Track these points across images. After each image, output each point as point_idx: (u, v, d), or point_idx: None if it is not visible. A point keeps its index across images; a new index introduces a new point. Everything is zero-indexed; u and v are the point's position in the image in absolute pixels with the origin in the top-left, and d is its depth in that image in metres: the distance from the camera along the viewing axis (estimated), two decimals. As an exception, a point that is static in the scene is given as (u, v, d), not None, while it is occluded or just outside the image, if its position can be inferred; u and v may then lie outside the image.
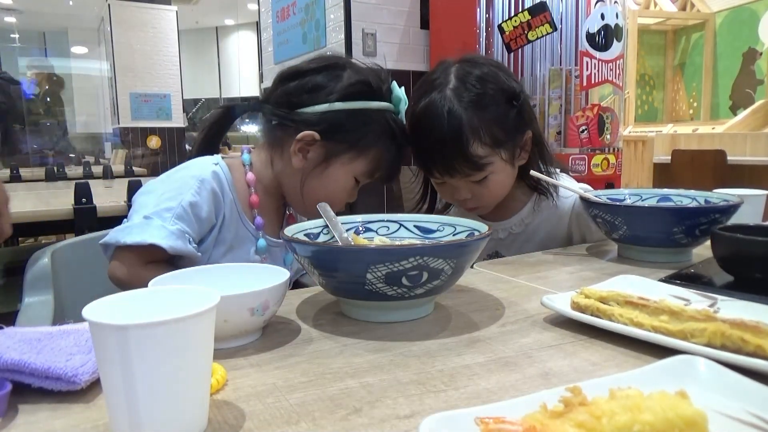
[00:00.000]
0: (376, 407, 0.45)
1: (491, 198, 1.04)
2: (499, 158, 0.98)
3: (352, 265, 0.61)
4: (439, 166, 0.98)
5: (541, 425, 0.36)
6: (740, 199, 0.91)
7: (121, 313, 0.43)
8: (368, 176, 0.91)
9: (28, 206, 1.93)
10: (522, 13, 2.55)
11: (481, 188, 1.00)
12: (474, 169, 0.96)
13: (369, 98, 0.88)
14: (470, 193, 1.01)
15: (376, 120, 0.88)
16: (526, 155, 1.05)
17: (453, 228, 0.76)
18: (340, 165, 0.88)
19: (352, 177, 0.90)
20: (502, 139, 0.97)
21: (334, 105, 0.86)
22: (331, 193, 0.89)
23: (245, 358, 0.56)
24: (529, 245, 1.10)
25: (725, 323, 0.52)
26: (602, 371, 0.51)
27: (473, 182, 0.99)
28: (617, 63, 2.72)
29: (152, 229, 0.78)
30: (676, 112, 6.07)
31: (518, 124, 1.00)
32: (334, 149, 0.88)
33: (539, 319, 0.66)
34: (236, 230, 0.88)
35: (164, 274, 0.63)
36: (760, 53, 5.17)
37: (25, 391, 0.47)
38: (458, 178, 0.98)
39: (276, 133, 0.91)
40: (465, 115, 0.93)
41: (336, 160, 0.88)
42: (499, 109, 0.97)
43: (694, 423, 0.36)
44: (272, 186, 0.93)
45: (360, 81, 0.88)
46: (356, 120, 0.87)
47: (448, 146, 0.94)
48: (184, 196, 0.81)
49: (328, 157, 0.88)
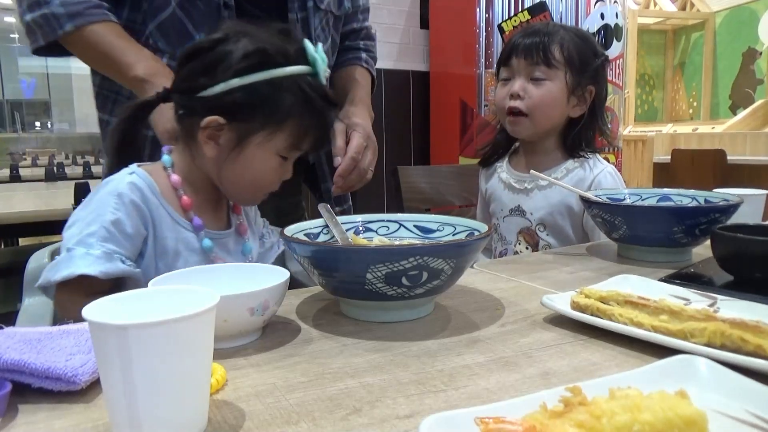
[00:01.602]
0: (376, 407, 0.45)
1: (538, 105, 1.15)
2: (563, 76, 1.15)
3: (352, 265, 0.61)
4: (520, 50, 1.16)
5: (541, 425, 0.36)
6: (740, 199, 0.91)
7: (121, 313, 0.43)
8: (293, 150, 0.84)
9: (28, 206, 1.93)
10: (522, 13, 2.55)
11: (534, 89, 1.15)
12: (545, 61, 1.14)
13: (271, 67, 0.79)
14: (524, 90, 1.15)
15: (286, 89, 0.79)
16: (583, 107, 1.19)
17: (453, 228, 0.76)
18: (256, 146, 0.81)
19: (273, 155, 0.82)
20: (574, 65, 1.15)
21: (231, 83, 0.78)
22: (256, 176, 0.83)
23: (245, 358, 0.56)
24: (548, 202, 1.19)
25: (725, 323, 0.52)
26: (602, 371, 0.51)
27: (532, 80, 1.15)
28: (617, 63, 2.73)
29: (77, 260, 0.73)
30: (676, 111, 6.08)
31: (591, 72, 1.17)
32: (245, 130, 0.80)
33: (539, 319, 0.66)
34: (176, 236, 0.82)
35: (164, 274, 0.63)
36: (759, 53, 5.18)
37: (25, 391, 0.47)
38: (527, 64, 1.15)
39: (185, 123, 0.83)
40: (562, 30, 1.17)
41: (250, 141, 0.80)
42: (584, 49, 1.17)
43: (694, 423, 0.36)
44: (202, 181, 0.86)
45: (257, 50, 0.79)
46: (260, 94, 0.79)
47: (539, 35, 1.14)
48: (104, 217, 0.76)
49: (240, 140, 0.81)
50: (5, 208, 1.99)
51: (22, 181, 3.63)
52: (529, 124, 1.17)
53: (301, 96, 0.80)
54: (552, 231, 1.19)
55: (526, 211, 1.21)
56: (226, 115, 0.79)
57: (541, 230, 1.20)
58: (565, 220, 1.18)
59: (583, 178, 1.19)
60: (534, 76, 1.15)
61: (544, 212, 1.19)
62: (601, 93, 1.21)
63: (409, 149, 3.20)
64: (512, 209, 1.24)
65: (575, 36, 1.18)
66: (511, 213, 1.24)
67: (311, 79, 0.81)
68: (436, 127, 3.10)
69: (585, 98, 1.18)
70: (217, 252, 0.85)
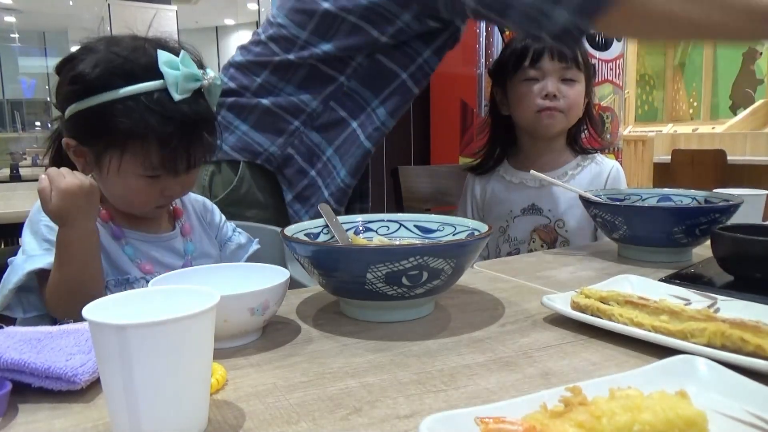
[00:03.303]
0: (376, 407, 0.45)
1: (573, 104, 1.21)
2: (583, 78, 1.22)
3: (352, 264, 0.61)
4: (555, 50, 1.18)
5: (541, 425, 0.36)
6: (740, 199, 0.91)
7: (120, 312, 0.43)
8: (152, 170, 0.77)
9: (28, 206, 1.93)
10: (522, 13, 2.55)
11: (568, 89, 1.20)
12: (576, 64, 1.19)
13: (107, 90, 0.74)
14: (559, 91, 1.19)
15: (120, 111, 0.74)
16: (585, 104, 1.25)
17: (453, 228, 0.76)
18: (112, 167, 0.76)
19: (133, 176, 0.77)
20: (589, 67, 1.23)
21: (71, 107, 0.76)
22: (125, 195, 0.80)
23: (245, 358, 0.56)
24: (567, 196, 1.21)
25: (725, 323, 0.52)
26: (602, 371, 0.51)
27: (563, 81, 1.20)
28: (617, 62, 2.72)
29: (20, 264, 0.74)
30: (676, 111, 6.07)
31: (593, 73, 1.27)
32: (95, 152, 0.77)
33: (539, 319, 0.66)
34: (107, 248, 0.80)
35: (164, 274, 0.63)
36: (759, 53, 5.17)
37: (25, 391, 0.47)
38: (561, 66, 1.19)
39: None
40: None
41: (103, 162, 0.77)
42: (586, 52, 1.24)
43: (694, 423, 0.36)
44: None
45: (91, 72, 0.74)
46: (98, 117, 0.74)
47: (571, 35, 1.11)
48: (40, 227, 0.78)
49: (97, 161, 0.77)
50: (5, 208, 1.99)
51: (22, 180, 3.63)
52: (564, 120, 1.22)
53: (141, 117, 0.74)
54: (571, 226, 1.21)
55: (543, 208, 1.24)
56: (76, 138, 0.78)
57: (561, 226, 1.22)
58: (583, 213, 1.18)
59: (599, 172, 1.26)
60: (566, 77, 1.20)
61: (564, 207, 1.22)
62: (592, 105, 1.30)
63: (409, 149, 3.20)
64: (525, 208, 1.25)
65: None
66: (524, 212, 1.25)
67: (163, 95, 0.74)
68: (436, 127, 3.10)
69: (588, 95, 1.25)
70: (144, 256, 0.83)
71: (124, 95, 0.74)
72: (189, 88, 0.76)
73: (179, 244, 0.88)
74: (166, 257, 0.86)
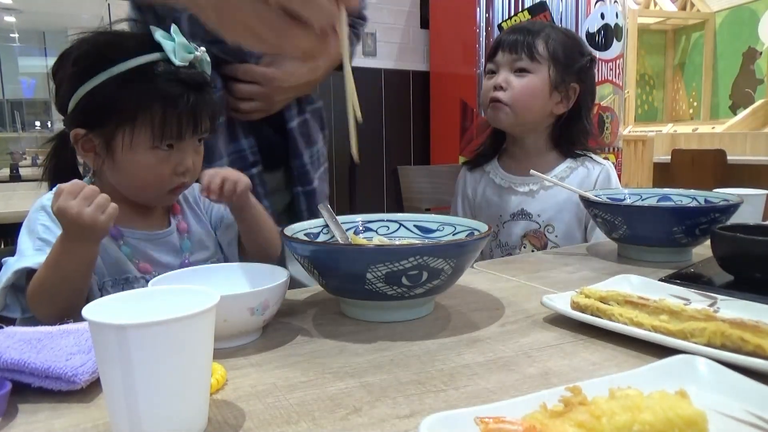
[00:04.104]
0: (376, 407, 0.45)
1: (519, 96, 1.16)
2: (546, 70, 1.16)
3: (352, 264, 0.61)
4: (506, 45, 1.18)
5: (541, 425, 0.36)
6: (740, 199, 0.91)
7: (120, 312, 0.43)
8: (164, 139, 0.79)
9: (28, 206, 1.93)
10: (522, 13, 2.55)
11: (517, 80, 1.17)
12: (528, 54, 1.16)
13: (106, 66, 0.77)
14: (507, 82, 1.17)
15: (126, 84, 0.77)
16: (566, 104, 1.19)
17: (453, 228, 0.76)
18: (125, 147, 0.78)
19: (147, 150, 0.79)
20: (558, 60, 1.17)
21: (77, 93, 0.78)
22: (141, 176, 0.81)
23: (245, 357, 0.56)
24: (555, 201, 1.19)
25: (725, 323, 0.52)
26: (602, 371, 0.51)
27: (515, 71, 1.17)
28: (617, 62, 2.73)
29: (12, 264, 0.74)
30: (676, 111, 6.07)
31: (575, 69, 1.19)
32: (107, 135, 0.79)
33: (539, 319, 0.66)
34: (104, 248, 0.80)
35: (164, 274, 0.63)
36: (760, 53, 5.17)
37: (25, 391, 0.47)
38: (511, 58, 1.17)
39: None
40: (549, 28, 1.20)
41: (116, 144, 0.79)
42: (570, 46, 1.19)
43: (694, 423, 0.36)
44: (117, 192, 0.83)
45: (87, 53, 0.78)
46: (105, 95, 0.77)
47: (524, 32, 1.18)
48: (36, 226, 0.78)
49: (108, 145, 0.79)
50: (5, 208, 1.98)
51: (21, 180, 3.63)
52: (510, 113, 1.17)
53: (146, 86, 0.77)
54: (560, 231, 1.19)
55: (531, 213, 1.20)
56: (85, 125, 0.79)
57: (550, 231, 1.19)
58: (572, 218, 1.18)
59: (588, 174, 1.21)
60: (517, 68, 1.17)
61: (553, 212, 1.18)
62: (587, 92, 1.21)
63: (409, 149, 3.20)
64: (514, 213, 1.22)
65: (562, 34, 1.21)
66: (513, 217, 1.22)
67: (163, 64, 0.78)
68: (436, 127, 3.10)
69: (569, 95, 1.18)
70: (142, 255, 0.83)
71: (127, 68, 0.77)
72: (185, 56, 0.80)
73: (176, 240, 0.88)
74: (163, 255, 0.86)
